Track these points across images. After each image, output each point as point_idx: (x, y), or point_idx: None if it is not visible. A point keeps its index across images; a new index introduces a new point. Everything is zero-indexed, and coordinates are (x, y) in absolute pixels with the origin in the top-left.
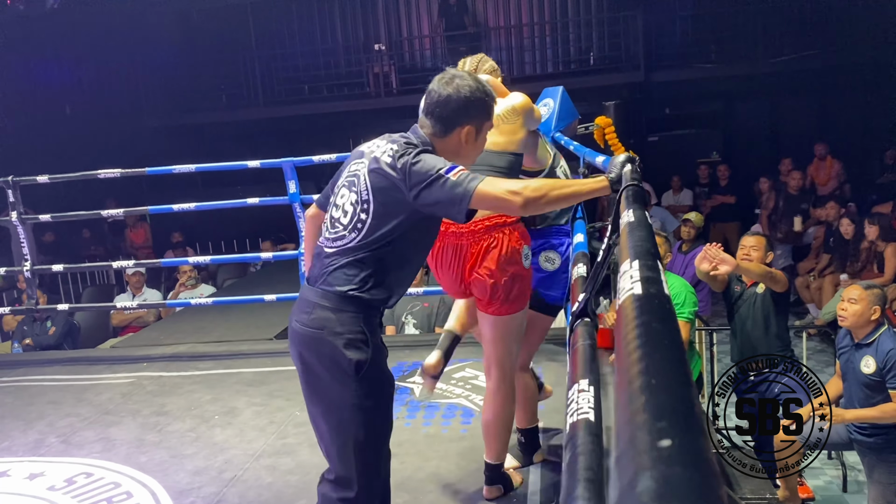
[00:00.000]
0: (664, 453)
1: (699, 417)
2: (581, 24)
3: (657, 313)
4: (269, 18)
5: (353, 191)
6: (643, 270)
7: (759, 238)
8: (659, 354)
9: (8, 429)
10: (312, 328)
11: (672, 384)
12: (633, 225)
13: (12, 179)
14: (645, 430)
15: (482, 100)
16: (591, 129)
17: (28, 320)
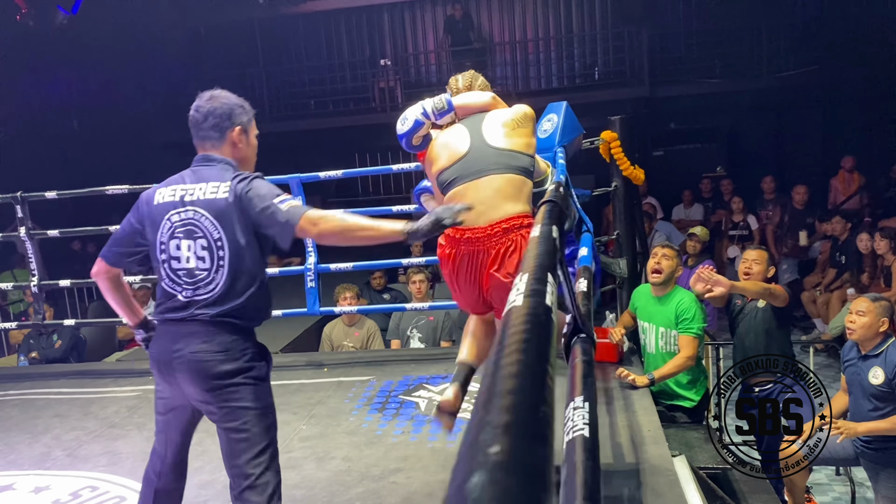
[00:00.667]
0: (491, 458)
1: (539, 426)
2: (586, 39)
3: (528, 324)
4: (275, 35)
5: (195, 238)
6: (530, 284)
7: (761, 252)
8: (517, 364)
9: (14, 442)
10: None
11: (519, 392)
12: (536, 240)
13: (21, 195)
14: (482, 434)
15: (240, 106)
16: (597, 143)
17: (34, 334)
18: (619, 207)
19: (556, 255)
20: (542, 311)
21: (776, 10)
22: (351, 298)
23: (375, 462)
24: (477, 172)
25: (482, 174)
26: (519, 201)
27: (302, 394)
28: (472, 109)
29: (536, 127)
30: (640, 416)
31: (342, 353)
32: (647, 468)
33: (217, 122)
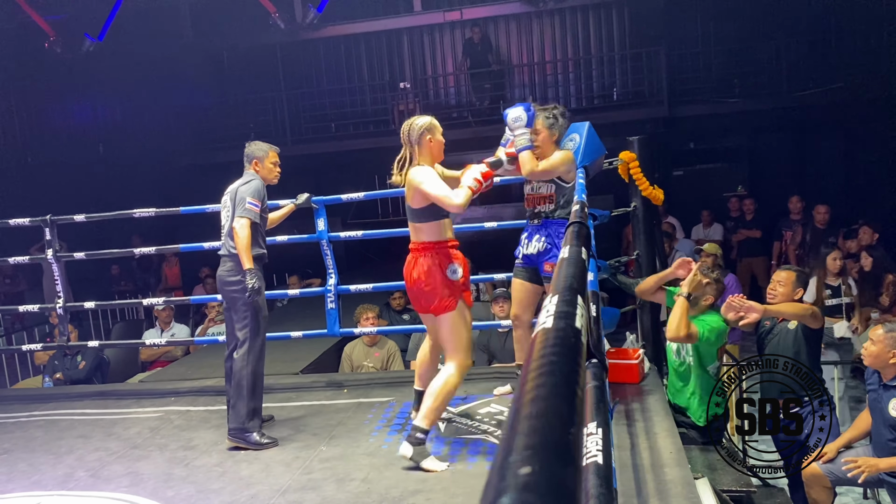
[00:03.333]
0: (522, 480)
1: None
2: (604, 60)
3: (559, 346)
4: (297, 58)
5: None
6: (560, 306)
7: (790, 273)
8: (546, 387)
9: (38, 462)
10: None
11: (549, 415)
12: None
13: (50, 218)
14: (512, 455)
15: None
16: (616, 163)
17: (59, 355)
18: (639, 228)
19: (586, 277)
20: (572, 333)
21: (795, 29)
22: (373, 319)
23: (395, 483)
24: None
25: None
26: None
27: (322, 415)
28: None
29: None
30: (661, 437)
31: (362, 374)
32: (669, 491)
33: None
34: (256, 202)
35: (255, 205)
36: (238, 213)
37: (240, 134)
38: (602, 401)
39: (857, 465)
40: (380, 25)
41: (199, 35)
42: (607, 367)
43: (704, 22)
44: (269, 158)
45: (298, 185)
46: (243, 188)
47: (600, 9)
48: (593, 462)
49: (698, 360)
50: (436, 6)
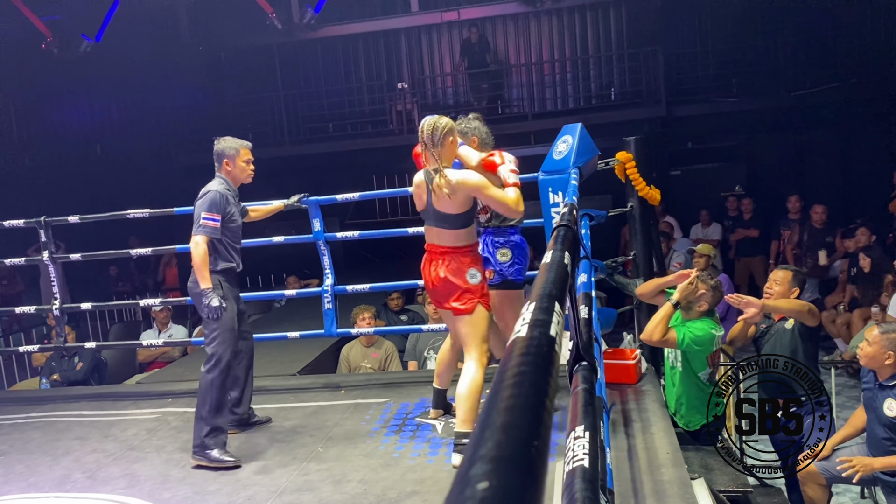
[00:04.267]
0: (479, 495)
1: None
2: (602, 60)
3: (531, 355)
4: (294, 59)
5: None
6: (535, 313)
7: (786, 272)
8: (512, 398)
9: (35, 464)
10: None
11: (514, 424)
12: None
13: (44, 220)
14: (473, 468)
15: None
16: (612, 164)
17: (56, 356)
18: (636, 228)
19: (567, 283)
20: (546, 341)
21: (793, 29)
22: (369, 319)
23: (392, 485)
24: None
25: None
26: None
27: (319, 416)
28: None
29: (552, 148)
30: (658, 438)
31: (359, 375)
32: (665, 491)
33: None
34: (214, 216)
35: (211, 220)
36: (193, 230)
37: (237, 134)
38: (590, 404)
39: (851, 464)
40: (377, 26)
41: (196, 36)
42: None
43: (702, 21)
44: (241, 156)
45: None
46: (199, 203)
47: (598, 9)
48: (579, 466)
49: (687, 365)
50: (433, 6)
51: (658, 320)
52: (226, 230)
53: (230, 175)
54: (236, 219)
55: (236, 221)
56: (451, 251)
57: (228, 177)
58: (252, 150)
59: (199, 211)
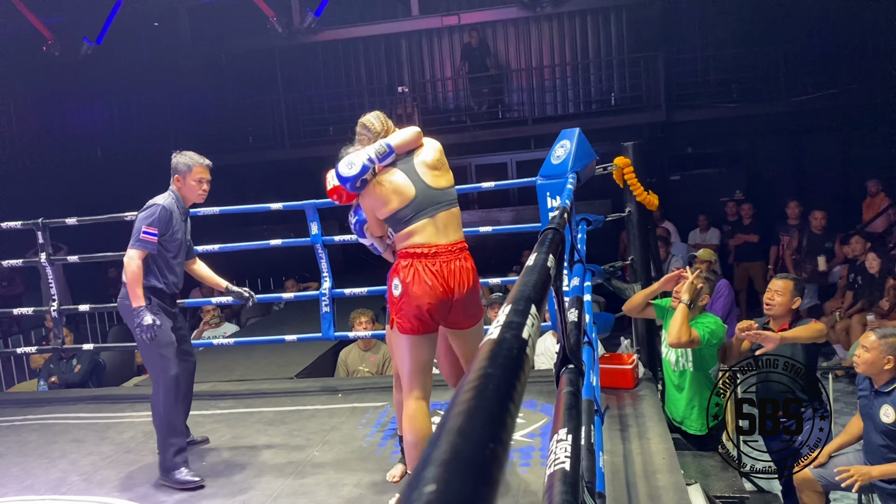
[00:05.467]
0: (425, 496)
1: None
2: (602, 64)
3: (497, 359)
4: (295, 62)
5: None
6: (510, 315)
7: (787, 282)
8: (476, 400)
9: (31, 467)
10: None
11: (470, 428)
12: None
13: (42, 221)
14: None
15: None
16: (610, 169)
17: (54, 358)
18: (633, 233)
19: (547, 285)
20: (516, 344)
21: (793, 34)
22: (366, 323)
23: (388, 489)
24: (430, 210)
25: (435, 211)
26: (460, 229)
27: (316, 419)
28: (406, 148)
29: (550, 153)
30: (654, 443)
31: (357, 379)
32: (660, 497)
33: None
34: (152, 230)
35: (150, 234)
36: (130, 243)
37: (238, 137)
38: (575, 406)
39: (849, 473)
40: (378, 30)
41: (198, 39)
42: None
43: (702, 27)
44: (194, 174)
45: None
46: (141, 214)
47: (598, 14)
48: (560, 469)
49: (700, 364)
50: (434, 11)
51: (681, 322)
52: (164, 248)
53: (180, 191)
54: (178, 237)
55: (177, 240)
56: (465, 245)
57: (179, 192)
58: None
59: (140, 223)
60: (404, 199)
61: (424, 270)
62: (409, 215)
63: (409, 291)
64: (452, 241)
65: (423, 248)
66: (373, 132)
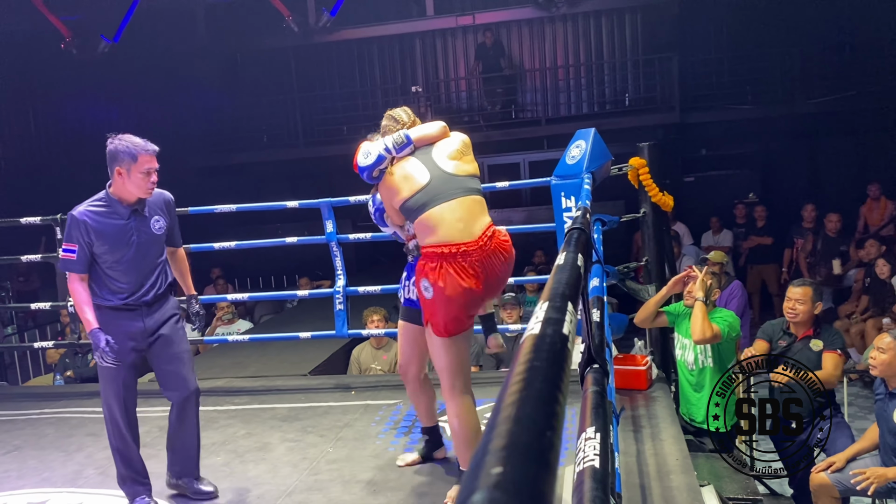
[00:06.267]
0: (493, 479)
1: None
2: (616, 65)
3: (545, 352)
4: (309, 62)
5: None
6: (548, 312)
7: (806, 288)
8: (527, 391)
9: (48, 459)
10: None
11: (528, 416)
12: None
13: (60, 217)
14: (489, 455)
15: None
16: (625, 169)
17: (70, 353)
18: (648, 234)
19: (579, 284)
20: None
21: (809, 37)
22: (379, 321)
23: (401, 486)
24: (447, 196)
25: (453, 196)
26: (486, 214)
27: (329, 416)
28: (426, 141)
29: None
30: (667, 444)
31: (370, 377)
32: (674, 498)
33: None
34: (69, 246)
35: (68, 251)
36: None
37: (252, 136)
38: (601, 406)
39: (865, 475)
40: (392, 30)
41: (214, 37)
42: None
43: (717, 28)
44: (140, 165)
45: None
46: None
47: (613, 14)
48: (590, 466)
49: (718, 359)
50: (449, 11)
51: (702, 319)
52: (98, 260)
53: (123, 187)
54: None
55: (116, 248)
56: (492, 229)
57: (121, 189)
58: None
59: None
60: (415, 187)
61: (458, 273)
62: (420, 203)
63: (442, 295)
64: (478, 233)
65: (450, 247)
66: (400, 123)
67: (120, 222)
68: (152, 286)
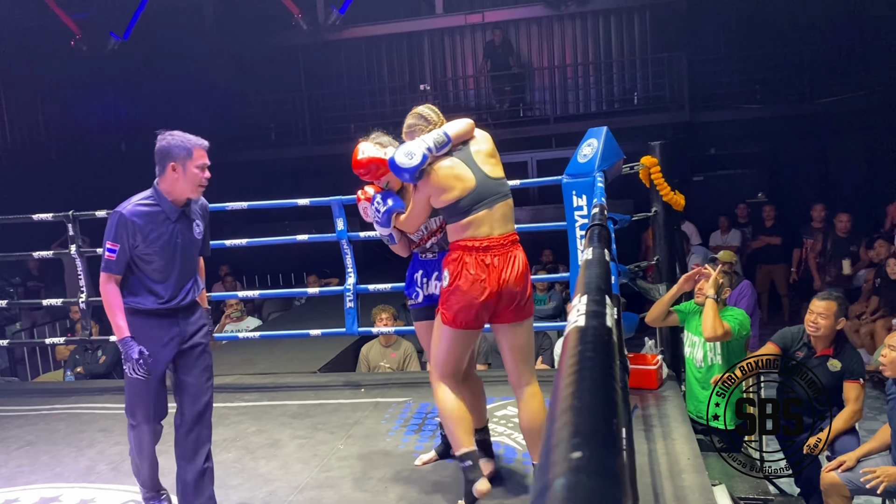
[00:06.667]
0: (574, 463)
1: (614, 435)
2: (625, 64)
3: (594, 343)
4: (318, 60)
5: None
6: (590, 305)
7: (830, 303)
8: (587, 380)
9: (60, 455)
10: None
11: (593, 405)
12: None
13: (72, 214)
14: (563, 443)
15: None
16: (637, 168)
17: (80, 349)
18: (659, 233)
19: (609, 278)
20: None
21: (819, 36)
22: (387, 319)
23: (412, 483)
24: (490, 201)
25: (494, 202)
26: (512, 222)
27: (339, 413)
28: (461, 139)
29: (576, 151)
30: (679, 443)
31: (379, 374)
32: (686, 497)
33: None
34: (112, 246)
35: (109, 250)
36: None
37: (261, 134)
38: (625, 402)
39: (875, 475)
40: (401, 28)
41: (223, 35)
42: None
43: (726, 27)
44: (195, 160)
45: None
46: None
47: (622, 13)
48: None
49: (728, 357)
50: (457, 9)
51: (713, 316)
52: (140, 263)
53: (174, 185)
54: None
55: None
56: (517, 238)
57: (171, 187)
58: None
59: (104, 239)
60: (466, 188)
61: (474, 264)
62: (469, 206)
63: (455, 285)
64: (505, 234)
65: (475, 241)
66: (430, 122)
67: (169, 224)
68: (189, 291)
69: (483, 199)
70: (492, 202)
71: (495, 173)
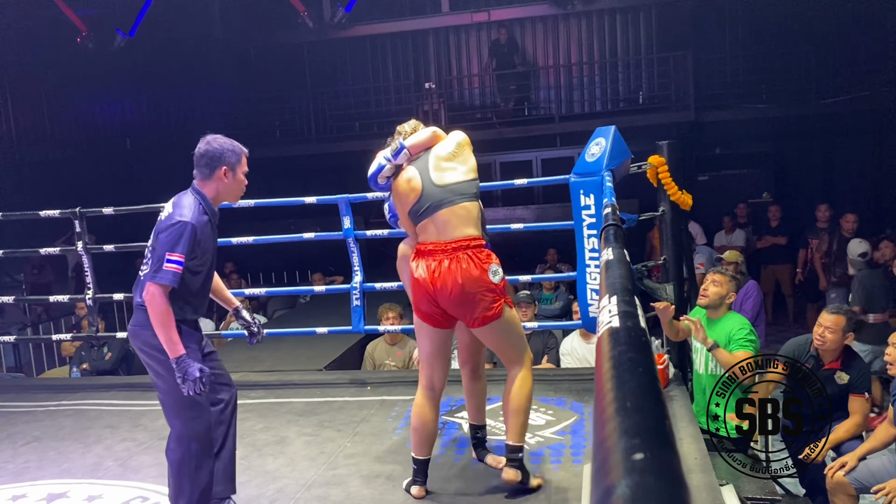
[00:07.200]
0: (638, 465)
1: (669, 435)
2: (631, 63)
3: (632, 344)
4: (323, 58)
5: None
6: (621, 305)
7: (839, 317)
8: (634, 380)
9: (67, 451)
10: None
11: (646, 405)
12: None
13: (79, 211)
14: (621, 445)
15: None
16: (644, 168)
17: (86, 346)
18: (667, 233)
19: (632, 278)
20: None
21: (824, 36)
22: (394, 318)
23: None
24: (432, 208)
25: (437, 209)
26: (470, 225)
27: (346, 411)
28: (420, 147)
29: (584, 150)
30: (686, 443)
31: (385, 372)
32: (694, 496)
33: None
34: (178, 258)
35: (176, 262)
36: (151, 274)
37: (265, 131)
38: None
39: (885, 491)
40: (407, 26)
41: (228, 32)
42: None
43: (732, 27)
44: (244, 166)
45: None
46: (164, 235)
47: (628, 12)
48: None
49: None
50: (463, 7)
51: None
52: (190, 273)
53: (218, 190)
54: (209, 255)
55: (207, 259)
56: (468, 243)
57: (215, 192)
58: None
59: (164, 248)
60: (417, 196)
61: (418, 266)
62: (417, 212)
63: (410, 280)
64: (449, 240)
65: (423, 245)
66: (401, 134)
67: (214, 232)
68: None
69: (427, 206)
70: (433, 209)
71: (443, 180)
